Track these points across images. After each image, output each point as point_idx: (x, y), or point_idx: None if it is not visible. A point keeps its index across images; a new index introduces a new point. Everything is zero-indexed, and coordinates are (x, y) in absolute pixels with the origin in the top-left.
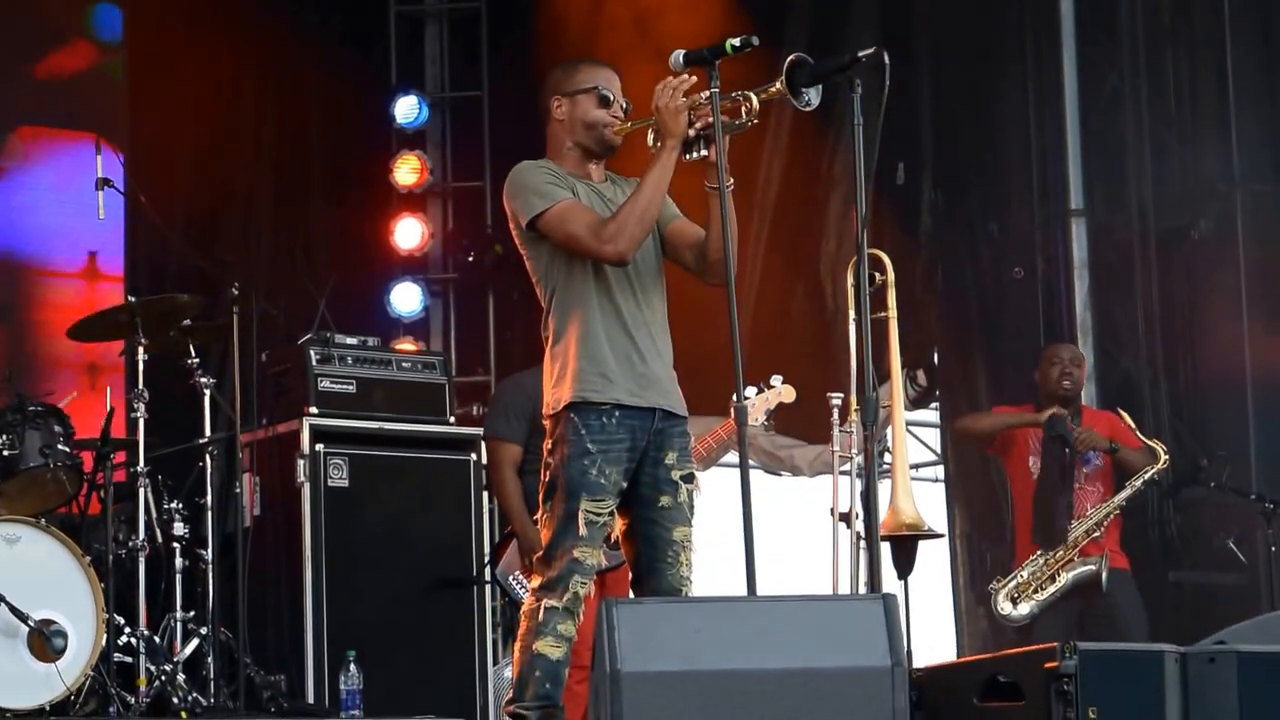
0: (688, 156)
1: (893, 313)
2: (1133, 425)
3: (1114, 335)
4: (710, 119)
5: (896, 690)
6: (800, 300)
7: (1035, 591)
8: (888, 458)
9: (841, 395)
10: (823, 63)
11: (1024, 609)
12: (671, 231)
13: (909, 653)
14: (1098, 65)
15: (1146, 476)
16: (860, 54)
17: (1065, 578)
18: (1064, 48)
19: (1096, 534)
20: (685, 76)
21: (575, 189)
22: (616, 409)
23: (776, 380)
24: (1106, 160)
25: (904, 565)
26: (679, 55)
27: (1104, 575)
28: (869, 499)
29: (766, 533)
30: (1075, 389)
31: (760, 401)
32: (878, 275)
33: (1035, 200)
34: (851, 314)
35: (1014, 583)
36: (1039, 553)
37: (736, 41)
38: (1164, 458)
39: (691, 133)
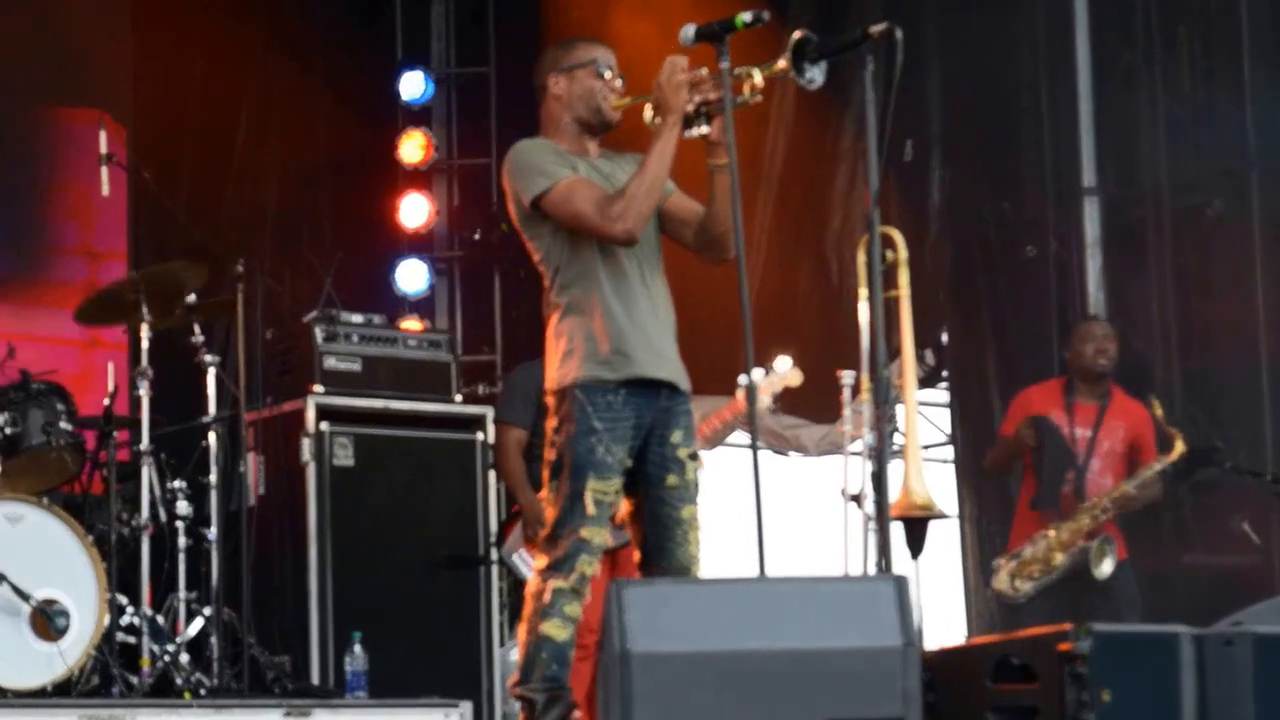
0: (688, 133)
1: (905, 291)
2: (1161, 416)
3: (1127, 315)
4: (709, 95)
5: (908, 671)
6: (805, 277)
7: (1036, 572)
8: (898, 438)
9: (853, 374)
10: (834, 39)
11: (1023, 588)
12: (670, 207)
13: (920, 634)
14: (1111, 41)
15: (1158, 468)
16: (872, 30)
17: (1062, 560)
18: (1076, 23)
19: (1102, 519)
20: (686, 59)
21: (576, 166)
22: (623, 387)
23: (781, 363)
24: (1120, 138)
25: (915, 546)
26: (689, 30)
27: (1107, 561)
28: (880, 479)
29: (776, 513)
30: (1110, 365)
31: (766, 385)
32: (889, 253)
33: (1047, 178)
34: (863, 292)
35: (1014, 563)
36: (1043, 532)
37: (748, 17)
38: (1179, 449)
39: (690, 108)
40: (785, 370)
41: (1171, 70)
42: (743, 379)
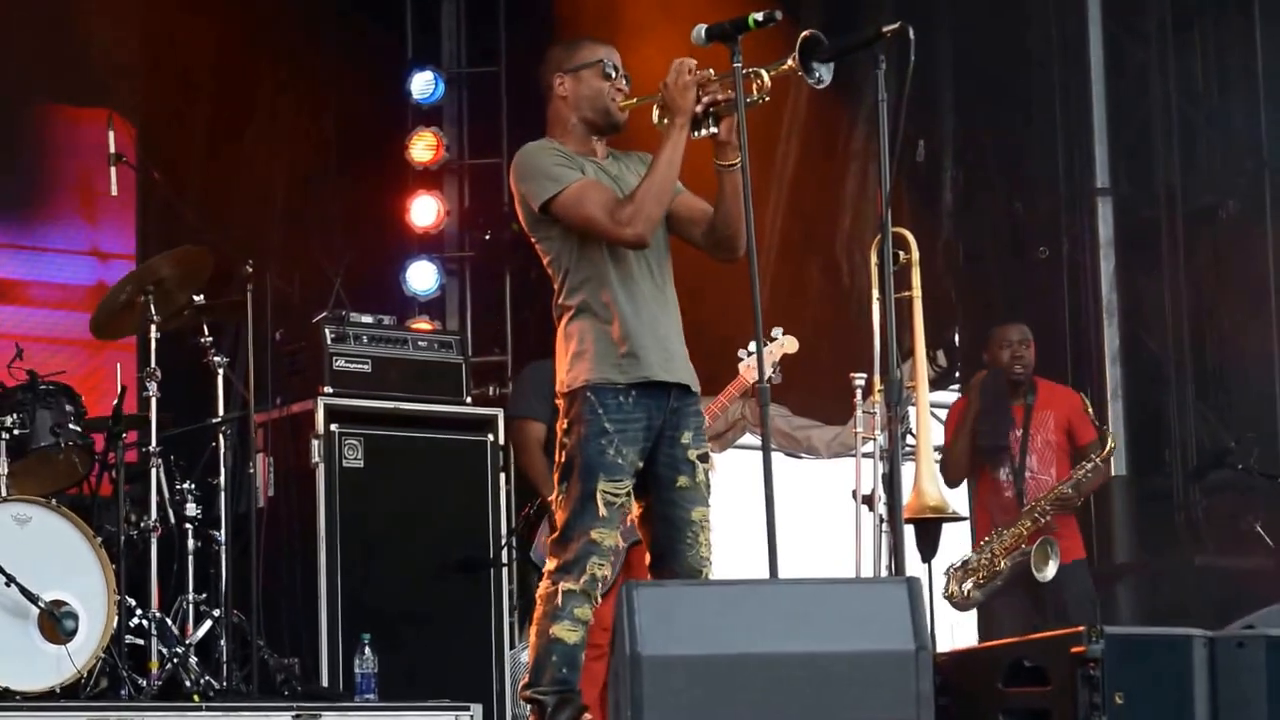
0: (696, 133)
1: (917, 292)
2: (1090, 410)
3: (1140, 316)
4: (717, 95)
5: (920, 675)
6: (815, 277)
7: (982, 578)
8: (910, 440)
9: (864, 375)
10: (846, 38)
11: (973, 594)
12: (679, 207)
13: (932, 637)
14: (1124, 42)
15: (1089, 467)
16: (884, 29)
17: (1005, 566)
18: (1090, 23)
19: (1042, 521)
20: (694, 60)
21: (584, 168)
22: (633, 388)
23: (777, 332)
24: (1133, 138)
25: (928, 548)
26: (701, 30)
27: (1051, 563)
28: (893, 481)
29: (787, 515)
30: (1026, 372)
31: (765, 355)
32: (902, 254)
33: (1060, 179)
34: (875, 293)
35: (963, 568)
36: (988, 538)
37: (760, 16)
38: (1110, 445)
39: (698, 109)
40: (780, 339)
41: (1185, 71)
42: (742, 354)
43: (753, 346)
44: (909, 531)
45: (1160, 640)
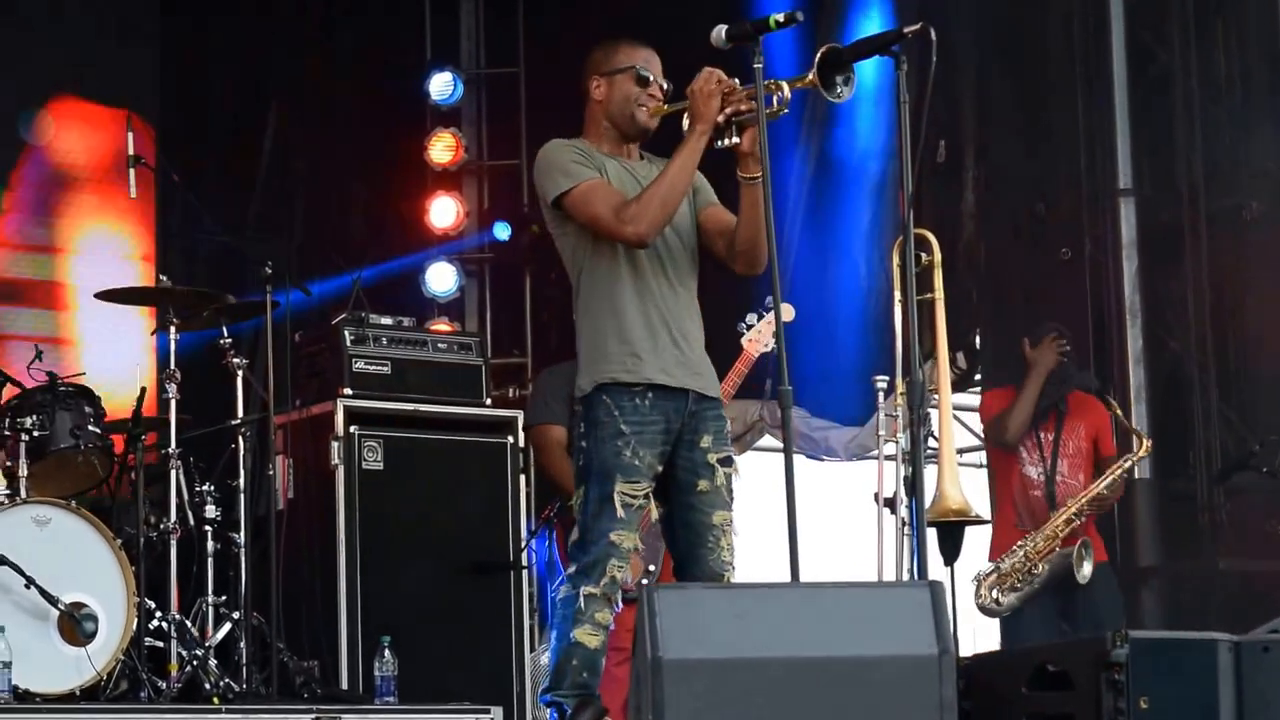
0: (719, 143)
1: (939, 294)
2: (1119, 413)
3: (1162, 317)
4: (740, 106)
5: (944, 679)
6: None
7: (1016, 584)
8: (932, 442)
9: (886, 378)
10: (867, 38)
11: (1006, 601)
12: (705, 218)
13: (955, 641)
14: (1147, 41)
15: (1126, 465)
16: (906, 29)
17: (1043, 569)
18: (1112, 22)
19: (1076, 522)
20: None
21: (605, 167)
22: (649, 390)
23: (770, 301)
24: (1155, 139)
25: (950, 552)
26: (721, 31)
27: (1086, 565)
28: (915, 484)
29: (808, 518)
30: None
31: (766, 327)
32: (924, 255)
33: (1082, 179)
34: (897, 294)
35: (994, 575)
36: (1020, 542)
37: (780, 17)
38: (1146, 446)
39: (721, 119)
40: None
41: (1208, 70)
42: (742, 327)
43: (751, 319)
44: (931, 534)
45: (1185, 644)
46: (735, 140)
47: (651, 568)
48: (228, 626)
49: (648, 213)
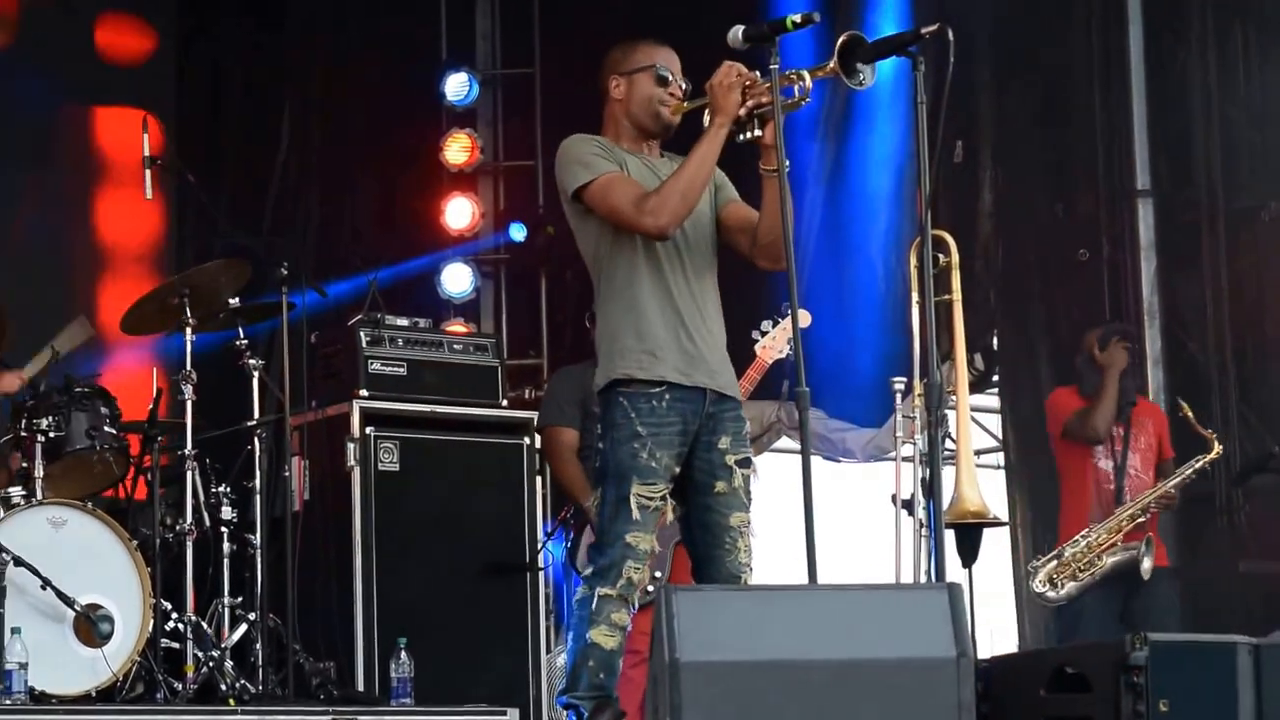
0: (740, 137)
1: (957, 295)
2: (1192, 417)
3: (1181, 319)
4: (761, 99)
5: (962, 681)
6: (853, 280)
7: (1075, 574)
8: (949, 443)
9: (904, 379)
10: (885, 38)
11: (1062, 590)
12: (727, 214)
13: (974, 643)
14: (1165, 42)
15: (1197, 466)
16: (923, 30)
17: (1106, 562)
18: (1130, 23)
19: (1141, 519)
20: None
21: (626, 163)
22: (666, 391)
23: (788, 307)
24: (1174, 139)
25: (968, 554)
26: (738, 31)
27: (1147, 562)
28: (934, 485)
29: (825, 520)
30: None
31: (780, 334)
32: (941, 257)
33: (1100, 180)
34: (915, 296)
35: (1053, 563)
36: (1083, 533)
37: (797, 18)
38: (1217, 449)
39: (742, 112)
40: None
41: (1226, 71)
42: (756, 334)
43: (766, 325)
44: (949, 536)
45: (1205, 647)
46: (757, 133)
47: (658, 574)
48: (244, 628)
49: (668, 204)
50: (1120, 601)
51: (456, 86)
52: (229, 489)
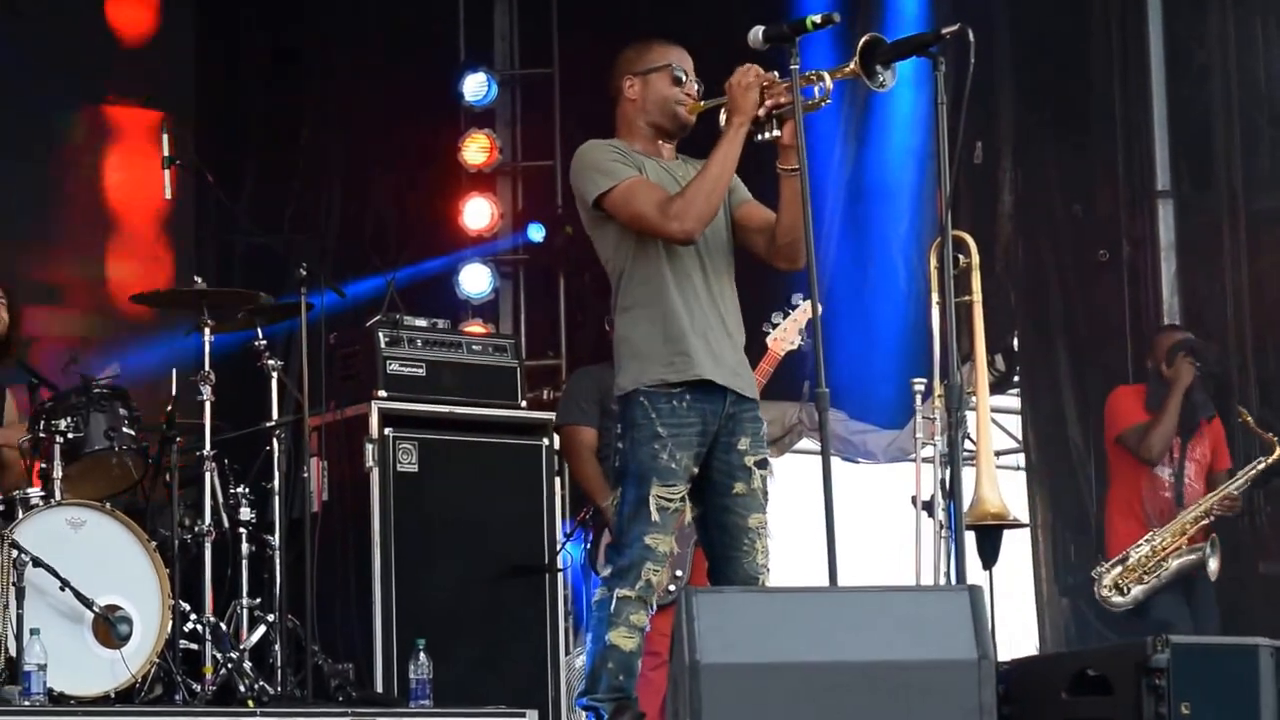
0: (759, 137)
1: (977, 296)
2: (1251, 421)
3: (1201, 319)
4: (781, 98)
5: (983, 684)
6: (873, 281)
7: (1141, 578)
8: (969, 445)
9: (924, 380)
10: (905, 39)
11: (1129, 595)
12: (743, 215)
13: (995, 645)
14: (1185, 41)
15: (1260, 468)
16: (944, 30)
17: (1171, 565)
18: (1150, 23)
19: (1205, 521)
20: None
21: (643, 166)
22: (687, 392)
23: (797, 298)
24: (1194, 139)
25: (989, 555)
26: (758, 32)
27: (1213, 563)
28: (954, 487)
29: (845, 521)
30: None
31: (790, 325)
32: (961, 258)
33: (1120, 181)
34: (935, 297)
35: (1119, 568)
36: (1146, 537)
37: (817, 19)
38: (1279, 451)
39: (761, 112)
40: (802, 304)
41: (1246, 71)
42: (767, 326)
43: (777, 317)
44: (970, 538)
45: (1226, 650)
46: (776, 134)
47: (679, 573)
48: (262, 629)
49: (693, 208)
50: (1186, 597)
51: (475, 87)
52: (248, 490)
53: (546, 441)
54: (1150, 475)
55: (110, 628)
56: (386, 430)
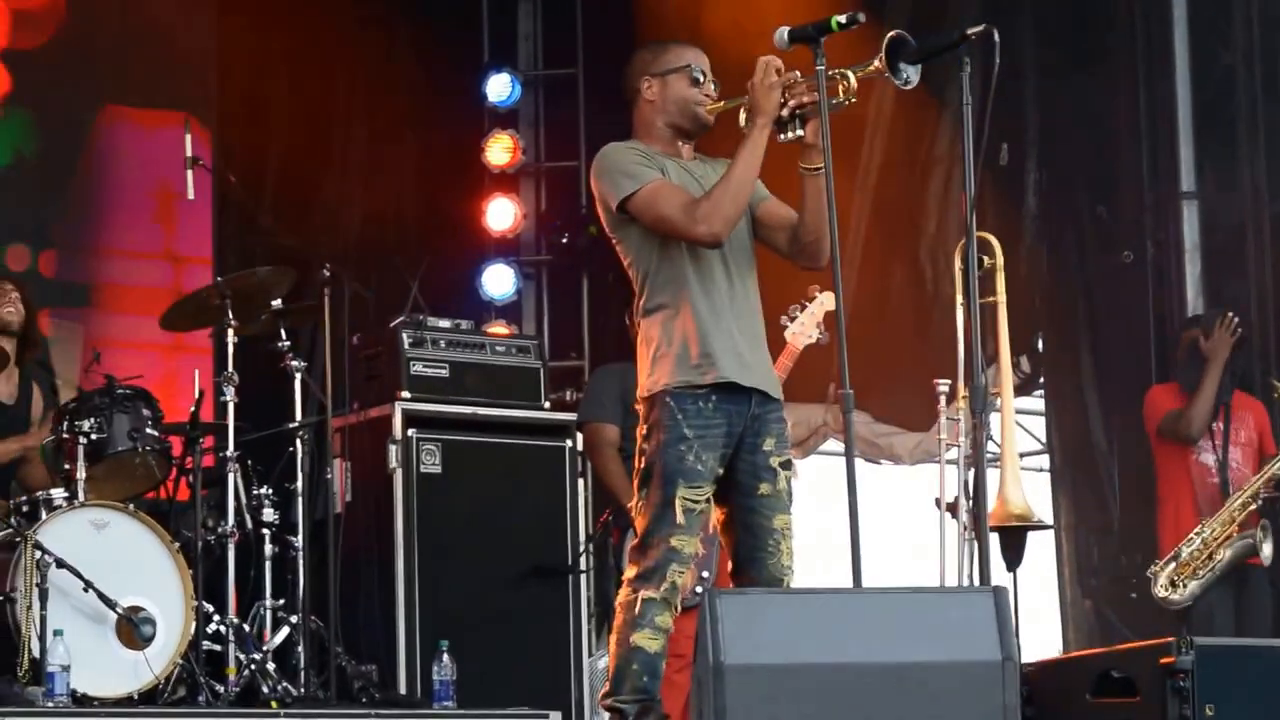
0: (782, 137)
1: (1002, 297)
2: None
3: None
4: (803, 98)
5: (1007, 686)
6: (899, 282)
7: (1195, 572)
8: (993, 446)
9: (948, 381)
10: (930, 40)
11: (1185, 591)
12: (764, 213)
13: (1019, 647)
14: (1210, 42)
15: None
16: (969, 31)
17: (1224, 555)
18: (1175, 24)
19: (1253, 506)
20: (780, 61)
21: (665, 168)
22: (713, 393)
23: (815, 289)
24: (1219, 141)
25: (1013, 557)
26: (784, 32)
27: (1267, 548)
28: (978, 488)
29: (869, 523)
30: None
31: (809, 318)
32: (986, 259)
33: (1145, 182)
34: (959, 298)
35: (1172, 565)
36: (1196, 530)
37: (843, 19)
38: None
39: (784, 112)
40: (819, 297)
41: (1271, 72)
42: (784, 320)
43: (794, 310)
44: (994, 539)
45: (1251, 651)
46: (799, 133)
47: (705, 574)
48: (286, 630)
49: (720, 211)
50: (1234, 598)
51: (499, 87)
52: (271, 491)
53: (569, 443)
54: (1197, 464)
55: (134, 629)
56: (410, 431)
